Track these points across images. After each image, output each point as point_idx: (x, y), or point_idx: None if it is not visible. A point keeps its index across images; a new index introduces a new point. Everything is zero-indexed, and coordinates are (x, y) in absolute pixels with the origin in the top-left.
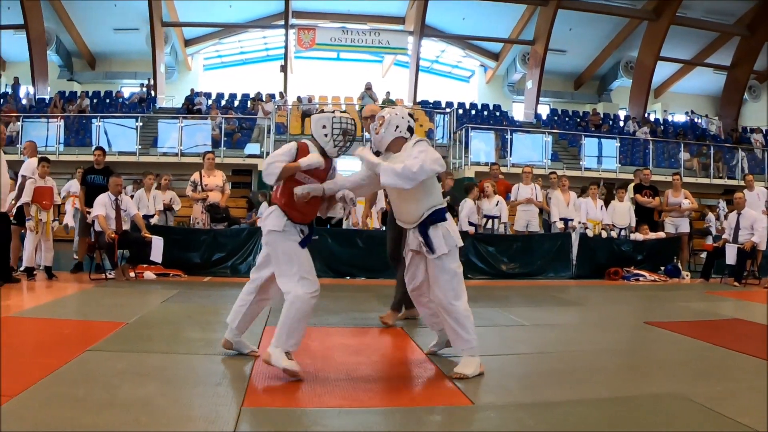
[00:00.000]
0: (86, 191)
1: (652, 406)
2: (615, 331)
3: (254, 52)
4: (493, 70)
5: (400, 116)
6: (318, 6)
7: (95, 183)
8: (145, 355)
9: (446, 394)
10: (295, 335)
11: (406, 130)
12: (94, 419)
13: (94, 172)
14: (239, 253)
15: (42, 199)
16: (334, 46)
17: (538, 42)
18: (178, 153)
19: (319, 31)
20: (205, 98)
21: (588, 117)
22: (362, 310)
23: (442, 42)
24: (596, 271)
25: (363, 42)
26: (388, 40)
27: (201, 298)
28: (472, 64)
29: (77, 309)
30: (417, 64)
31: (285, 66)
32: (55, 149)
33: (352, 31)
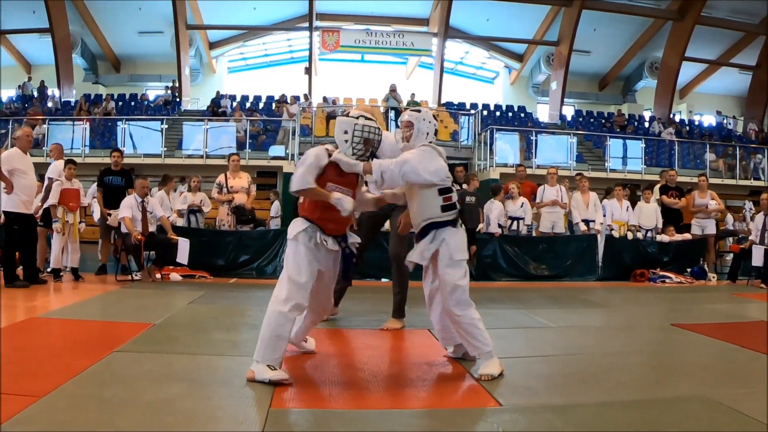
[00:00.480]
0: (104, 192)
1: (679, 408)
2: (641, 334)
3: (278, 54)
4: (518, 72)
5: (427, 121)
6: (342, 8)
7: (113, 184)
8: (171, 356)
9: (474, 396)
10: (277, 349)
11: (433, 134)
12: (121, 420)
13: (112, 174)
14: (265, 255)
15: (68, 201)
16: (359, 48)
17: (562, 43)
18: (203, 155)
19: (343, 33)
20: (230, 100)
21: (613, 118)
22: (387, 311)
23: (466, 43)
24: (622, 273)
25: (387, 44)
26: (412, 41)
27: (227, 300)
28: (496, 66)
29: (104, 310)
30: (441, 66)
31: (309, 68)
32: (81, 152)
33: (377, 33)
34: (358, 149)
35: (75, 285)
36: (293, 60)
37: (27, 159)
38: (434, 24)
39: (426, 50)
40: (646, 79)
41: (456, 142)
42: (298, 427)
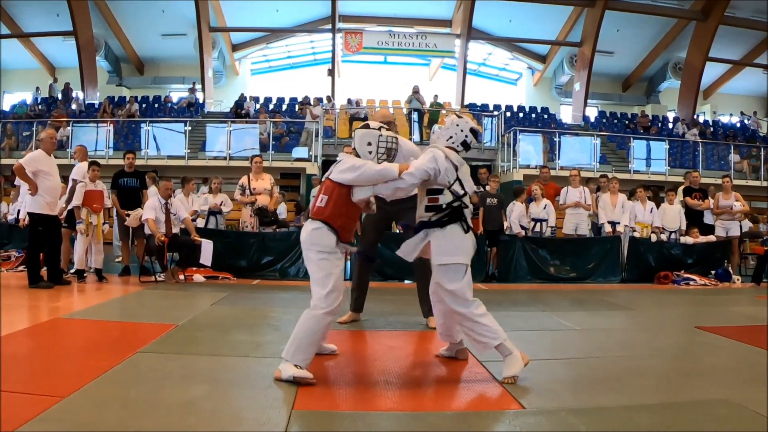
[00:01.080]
0: (119, 194)
1: (703, 412)
2: (665, 336)
3: (302, 56)
4: (541, 73)
5: (459, 128)
6: (365, 9)
7: (128, 186)
8: (194, 358)
9: (497, 399)
10: (308, 351)
11: (460, 144)
12: (143, 421)
13: (126, 176)
14: (288, 256)
15: (92, 203)
16: (381, 50)
17: (585, 44)
18: (226, 157)
19: (366, 35)
20: (253, 102)
21: (636, 119)
22: (409, 313)
23: (489, 44)
24: (646, 275)
25: (410, 45)
26: (435, 43)
27: (250, 301)
28: (519, 67)
29: (127, 311)
30: (464, 67)
31: (332, 70)
32: (105, 153)
33: (399, 35)
34: (381, 159)
35: (99, 286)
36: (316, 62)
37: (51, 161)
38: (457, 25)
39: (449, 51)
40: (670, 80)
41: (479, 143)
42: (320, 429)
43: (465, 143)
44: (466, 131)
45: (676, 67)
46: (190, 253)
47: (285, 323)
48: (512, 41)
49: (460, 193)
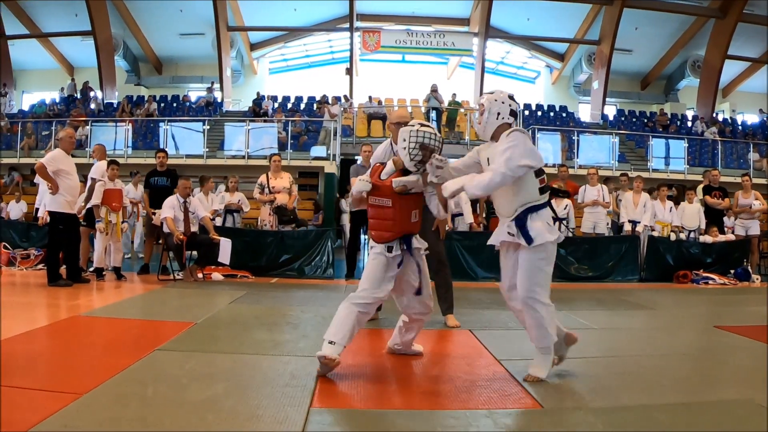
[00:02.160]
0: (150, 193)
1: (723, 412)
2: (684, 336)
3: (319, 55)
4: (559, 71)
5: (500, 101)
6: (382, 8)
7: (159, 185)
8: (213, 356)
9: (515, 398)
10: (341, 330)
11: (509, 114)
12: (162, 418)
13: (158, 174)
14: (306, 255)
15: (111, 201)
16: (399, 49)
17: (603, 42)
18: (245, 156)
19: (384, 34)
20: (271, 101)
21: (655, 117)
22: None
23: (507, 43)
24: (665, 274)
25: (428, 44)
26: (453, 41)
27: (268, 300)
28: (537, 65)
29: (146, 309)
30: (482, 66)
31: (350, 68)
32: (124, 152)
33: (417, 33)
34: (414, 154)
35: (117, 284)
36: (334, 61)
37: (70, 160)
38: (475, 24)
39: (467, 50)
40: (689, 78)
41: None
42: (338, 427)
43: (513, 112)
44: (506, 100)
45: (694, 65)
46: (208, 251)
47: (303, 322)
48: (530, 39)
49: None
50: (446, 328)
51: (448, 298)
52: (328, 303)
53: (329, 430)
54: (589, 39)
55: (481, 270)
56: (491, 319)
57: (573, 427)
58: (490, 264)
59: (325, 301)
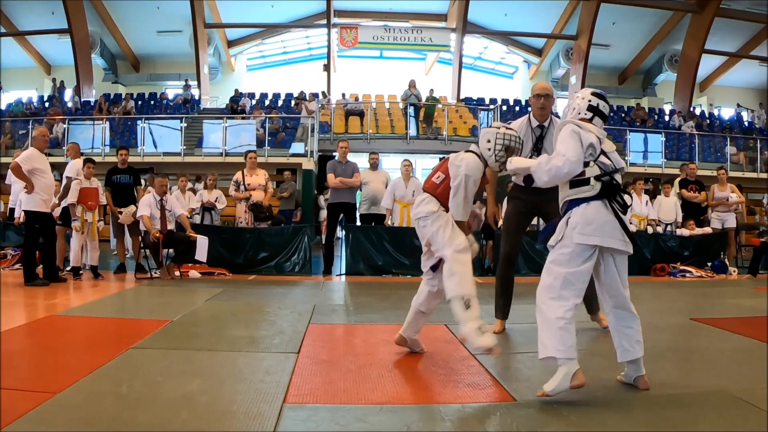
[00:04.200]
0: (113, 191)
1: (700, 404)
2: (661, 329)
3: (297, 51)
4: (537, 66)
5: (580, 96)
6: (360, 5)
7: (121, 182)
8: (188, 353)
9: (488, 392)
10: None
11: (587, 110)
12: (137, 415)
13: (119, 172)
14: (284, 252)
15: (87, 200)
16: (377, 45)
17: (581, 37)
18: (222, 153)
19: (361, 30)
20: (249, 98)
21: (633, 112)
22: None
23: (484, 38)
24: (642, 268)
25: (405, 40)
26: (430, 37)
27: (245, 296)
28: (515, 61)
29: (122, 307)
30: (460, 61)
31: (328, 65)
32: (101, 151)
33: (395, 29)
34: (499, 156)
35: (94, 283)
36: (312, 57)
37: (44, 158)
38: (452, 19)
39: (444, 46)
40: (666, 73)
41: (475, 137)
42: (311, 423)
43: (593, 108)
44: (588, 97)
45: (672, 60)
46: (185, 249)
47: (280, 318)
48: (508, 35)
49: (610, 168)
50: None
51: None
52: (304, 299)
53: (302, 425)
54: (567, 34)
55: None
56: None
57: (546, 421)
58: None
59: (302, 297)
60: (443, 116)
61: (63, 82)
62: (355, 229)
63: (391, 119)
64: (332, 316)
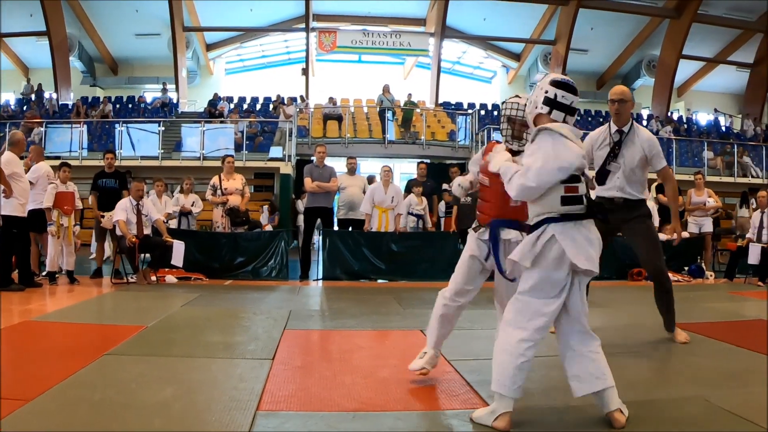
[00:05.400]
0: (99, 195)
1: (674, 409)
2: (638, 333)
3: (276, 55)
4: (515, 71)
5: (539, 87)
6: (339, 9)
7: (107, 186)
8: (163, 359)
9: (463, 398)
10: (429, 332)
11: (543, 103)
12: (110, 423)
13: (106, 176)
14: (260, 257)
15: (63, 204)
16: (356, 49)
17: (559, 42)
18: (200, 157)
19: (340, 34)
20: (227, 102)
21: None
22: (382, 312)
23: (463, 43)
24: (619, 272)
25: (384, 44)
26: (409, 41)
27: (222, 302)
28: (493, 65)
29: (98, 313)
30: (438, 66)
31: (306, 69)
32: (78, 154)
33: (373, 34)
34: (504, 130)
35: (70, 288)
36: (290, 61)
37: (21, 163)
38: (431, 24)
39: (423, 50)
40: (644, 78)
41: (453, 141)
42: (283, 430)
43: (549, 100)
44: (545, 87)
45: (650, 65)
46: (161, 254)
47: (255, 323)
48: (486, 39)
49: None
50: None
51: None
52: (280, 304)
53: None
54: (545, 39)
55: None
56: None
57: (519, 426)
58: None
59: (278, 303)
60: (421, 121)
61: (41, 84)
62: (332, 233)
63: (369, 123)
64: (308, 321)
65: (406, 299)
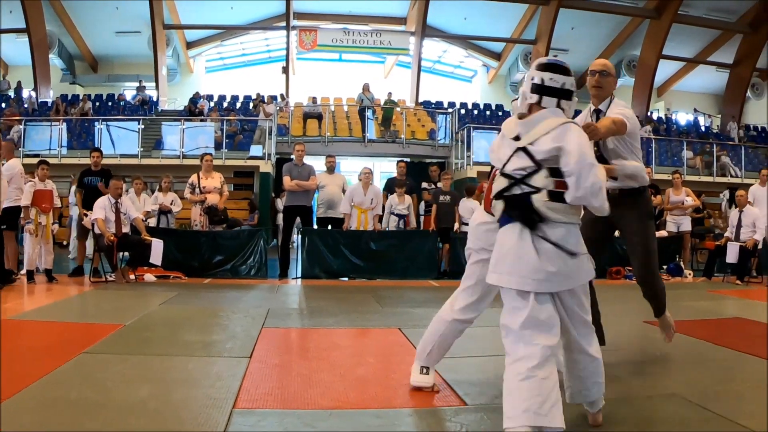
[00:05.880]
0: (84, 193)
1: (650, 407)
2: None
3: (256, 53)
4: (496, 70)
5: (527, 75)
6: (319, 7)
7: (93, 185)
8: (141, 358)
9: (440, 396)
10: (427, 349)
11: (531, 92)
12: (86, 422)
13: (92, 174)
14: (239, 255)
15: (41, 203)
16: (336, 47)
17: (540, 41)
18: (180, 155)
19: (320, 33)
20: (207, 100)
21: None
22: (361, 311)
23: (443, 42)
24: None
25: (365, 43)
26: (389, 40)
27: (200, 300)
28: (474, 64)
29: (76, 311)
30: (419, 65)
31: (287, 67)
32: (58, 152)
33: (354, 32)
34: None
35: (48, 286)
36: (271, 59)
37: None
38: (412, 23)
39: (403, 49)
40: (624, 77)
41: (433, 140)
42: (260, 428)
43: (538, 87)
44: (532, 74)
45: (630, 65)
46: (140, 252)
47: (234, 322)
48: (467, 39)
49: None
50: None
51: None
52: (259, 303)
53: (251, 431)
54: (526, 39)
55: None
56: (422, 318)
57: (497, 425)
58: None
59: (257, 301)
60: (401, 119)
61: (20, 82)
62: (311, 232)
63: (349, 122)
64: (286, 320)
65: (384, 298)
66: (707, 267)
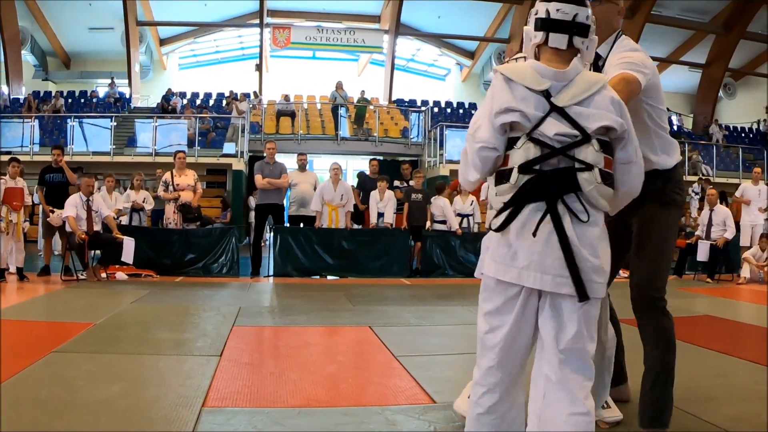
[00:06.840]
0: (46, 190)
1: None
2: None
3: (230, 51)
4: (469, 69)
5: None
6: (293, 5)
7: (54, 181)
8: (111, 356)
9: (409, 393)
10: None
11: (536, 29)
12: (55, 421)
13: (53, 171)
14: (211, 253)
15: (12, 200)
16: (310, 45)
17: (513, 40)
18: (152, 153)
19: (294, 30)
20: (180, 98)
21: None
22: (332, 309)
23: (417, 40)
24: None
25: (338, 41)
26: (363, 38)
27: (172, 299)
28: (448, 63)
29: (46, 310)
30: (392, 63)
31: (260, 65)
32: (30, 150)
33: (328, 30)
34: None
35: (20, 285)
36: (244, 57)
37: None
38: (385, 21)
39: (377, 47)
40: None
41: (406, 139)
42: (229, 427)
43: (542, 22)
44: (536, 8)
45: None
46: (111, 250)
47: (204, 320)
48: (441, 37)
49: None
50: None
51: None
52: (230, 301)
53: (219, 429)
54: (499, 38)
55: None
56: (393, 316)
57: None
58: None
59: (228, 299)
60: (374, 117)
61: None
62: (283, 230)
63: (323, 120)
64: (257, 318)
65: (356, 296)
66: (678, 265)
